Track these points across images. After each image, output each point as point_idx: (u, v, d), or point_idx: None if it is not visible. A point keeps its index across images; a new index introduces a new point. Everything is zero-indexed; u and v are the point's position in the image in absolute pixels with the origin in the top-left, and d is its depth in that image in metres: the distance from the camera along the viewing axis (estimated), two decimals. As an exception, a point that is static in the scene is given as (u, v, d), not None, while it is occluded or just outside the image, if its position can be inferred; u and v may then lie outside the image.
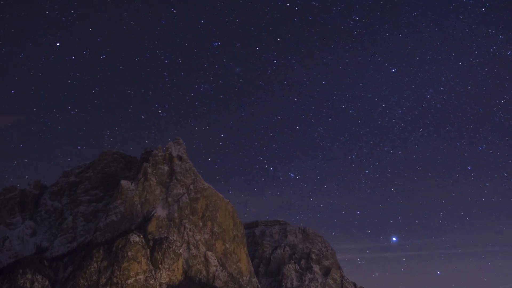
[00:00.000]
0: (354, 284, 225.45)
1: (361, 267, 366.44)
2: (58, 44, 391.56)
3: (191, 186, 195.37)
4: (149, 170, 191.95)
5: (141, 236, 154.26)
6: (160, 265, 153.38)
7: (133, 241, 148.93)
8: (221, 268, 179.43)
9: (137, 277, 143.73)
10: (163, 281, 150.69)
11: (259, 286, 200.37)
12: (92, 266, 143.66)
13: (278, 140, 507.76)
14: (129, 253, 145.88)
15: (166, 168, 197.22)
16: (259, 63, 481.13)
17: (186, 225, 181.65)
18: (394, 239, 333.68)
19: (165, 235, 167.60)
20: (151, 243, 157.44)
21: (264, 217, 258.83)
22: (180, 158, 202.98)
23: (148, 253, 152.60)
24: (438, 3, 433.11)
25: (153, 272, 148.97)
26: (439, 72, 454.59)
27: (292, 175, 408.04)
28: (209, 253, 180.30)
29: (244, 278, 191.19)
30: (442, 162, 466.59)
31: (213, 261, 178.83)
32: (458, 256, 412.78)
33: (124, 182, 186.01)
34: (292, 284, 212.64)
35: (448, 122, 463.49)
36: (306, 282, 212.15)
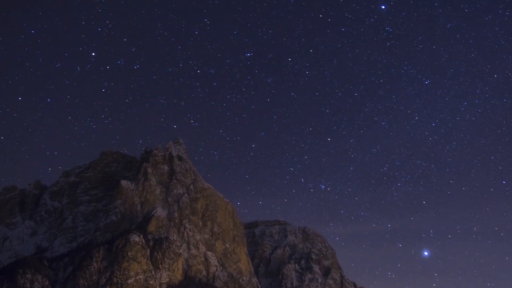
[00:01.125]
0: (354, 284, 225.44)
1: (391, 281, 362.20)
2: (93, 54, 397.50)
3: (191, 186, 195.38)
4: (149, 170, 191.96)
5: (141, 236, 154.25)
6: (160, 265, 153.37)
7: (133, 241, 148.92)
8: (221, 268, 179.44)
9: (137, 277, 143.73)
10: (163, 281, 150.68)
11: (259, 286, 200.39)
12: (92, 266, 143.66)
13: (309, 152, 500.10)
14: (129, 253, 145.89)
15: (166, 168, 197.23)
16: (291, 74, 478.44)
17: (186, 225, 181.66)
18: (425, 253, 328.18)
19: (165, 235, 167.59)
20: (151, 243, 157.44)
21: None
22: (180, 158, 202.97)
23: (148, 253, 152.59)
24: (473, 14, 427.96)
25: (153, 272, 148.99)
26: (474, 84, 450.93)
27: (323, 186, 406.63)
28: (209, 253, 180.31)
29: (244, 278, 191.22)
30: (476, 176, 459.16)
31: (213, 261, 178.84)
32: (491, 272, 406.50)
33: (124, 182, 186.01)
34: (292, 284, 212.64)
35: (482, 135, 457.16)
36: (306, 282, 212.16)
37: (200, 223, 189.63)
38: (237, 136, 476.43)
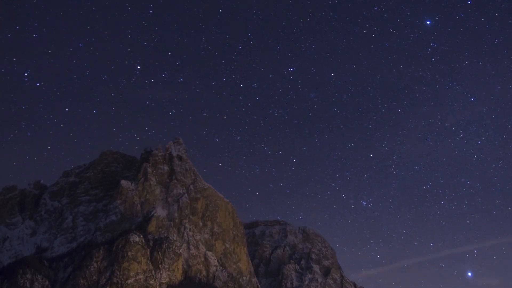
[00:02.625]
0: (354, 284, 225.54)
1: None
2: (138, 67, 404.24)
3: (191, 186, 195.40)
4: (149, 170, 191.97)
5: (141, 236, 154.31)
6: (160, 265, 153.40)
7: (133, 241, 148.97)
8: (221, 268, 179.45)
9: (137, 277, 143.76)
10: (163, 281, 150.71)
11: (259, 286, 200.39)
12: (92, 266, 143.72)
13: (351, 167, 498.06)
14: (129, 253, 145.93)
15: (166, 168, 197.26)
16: (334, 89, 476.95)
17: (186, 225, 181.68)
18: (469, 274, 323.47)
19: (165, 235, 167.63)
20: (151, 243, 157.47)
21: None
22: (180, 158, 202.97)
23: (148, 253, 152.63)
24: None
25: (153, 272, 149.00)
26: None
27: (364, 203, 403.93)
28: (209, 253, 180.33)
29: (244, 278, 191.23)
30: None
31: (213, 261, 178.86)
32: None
33: (124, 182, 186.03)
34: (292, 284, 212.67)
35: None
36: (306, 282, 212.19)
37: (200, 223, 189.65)
38: (278, 150, 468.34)
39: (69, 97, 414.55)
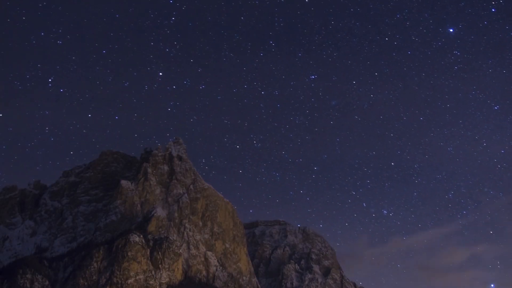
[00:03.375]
0: (354, 284, 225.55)
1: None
2: (160, 74, 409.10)
3: (191, 186, 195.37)
4: (149, 170, 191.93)
5: (141, 236, 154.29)
6: (160, 265, 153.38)
7: (133, 241, 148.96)
8: (221, 268, 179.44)
9: (137, 277, 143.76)
10: (163, 281, 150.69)
11: (259, 286, 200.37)
12: (92, 266, 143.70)
13: (372, 176, 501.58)
14: (129, 253, 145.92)
15: (166, 168, 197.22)
16: (355, 97, 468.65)
17: (186, 225, 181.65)
18: (492, 285, 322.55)
19: (165, 235, 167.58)
20: (151, 243, 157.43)
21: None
22: (180, 158, 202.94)
23: (148, 253, 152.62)
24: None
25: (153, 272, 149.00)
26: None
27: (385, 212, 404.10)
28: (209, 253, 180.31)
29: (244, 278, 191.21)
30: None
31: (213, 261, 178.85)
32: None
33: (124, 182, 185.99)
34: (292, 284, 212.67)
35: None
36: (306, 282, 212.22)
37: (200, 223, 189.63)
38: (299, 158, 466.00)
39: (91, 103, 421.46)
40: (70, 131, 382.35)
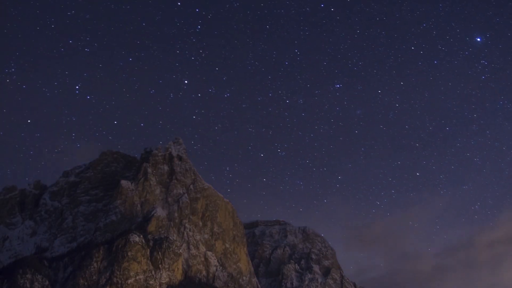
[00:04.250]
0: (354, 284, 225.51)
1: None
2: (186, 81, 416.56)
3: (191, 186, 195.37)
4: (149, 170, 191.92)
5: (141, 236, 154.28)
6: (160, 265, 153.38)
7: (133, 241, 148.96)
8: (221, 268, 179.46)
9: (137, 277, 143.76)
10: (163, 281, 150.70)
11: (259, 286, 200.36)
12: (92, 266, 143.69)
13: (397, 186, 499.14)
14: (129, 253, 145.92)
15: (166, 168, 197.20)
16: (380, 106, 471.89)
17: (186, 225, 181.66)
18: None
19: (165, 235, 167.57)
20: (151, 243, 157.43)
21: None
22: (180, 158, 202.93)
23: (148, 253, 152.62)
24: None
25: (153, 272, 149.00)
26: None
27: (410, 222, 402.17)
28: (209, 253, 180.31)
29: (244, 278, 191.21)
30: None
31: (213, 261, 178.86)
32: None
33: (124, 182, 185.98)
34: (292, 284, 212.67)
35: None
36: (306, 282, 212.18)
37: (200, 223, 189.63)
38: (323, 167, 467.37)
39: (117, 110, 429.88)
40: (96, 137, 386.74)
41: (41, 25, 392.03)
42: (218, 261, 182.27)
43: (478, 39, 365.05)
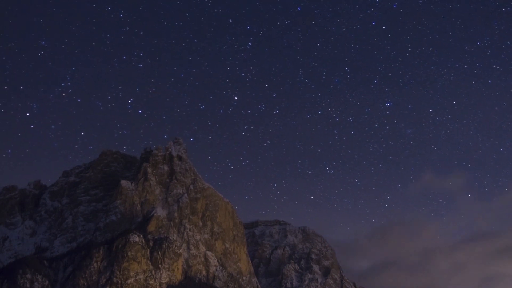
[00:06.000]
0: (354, 284, 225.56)
1: None
2: (236, 98, 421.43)
3: (191, 186, 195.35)
4: (149, 170, 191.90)
5: (141, 236, 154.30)
6: (160, 265, 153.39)
7: (133, 241, 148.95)
8: (221, 268, 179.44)
9: (137, 277, 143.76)
10: (163, 281, 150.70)
11: (259, 286, 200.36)
12: (92, 266, 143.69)
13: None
14: (129, 253, 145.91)
15: (166, 168, 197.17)
16: (432, 125, 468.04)
17: (186, 225, 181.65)
18: None
19: (165, 235, 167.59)
20: (151, 243, 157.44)
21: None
22: (180, 158, 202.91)
23: (148, 253, 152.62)
24: None
25: (153, 272, 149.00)
26: None
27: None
28: (209, 253, 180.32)
29: (244, 278, 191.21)
30: None
31: (213, 261, 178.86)
32: None
33: (124, 182, 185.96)
34: (292, 284, 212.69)
35: None
36: (306, 282, 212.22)
37: (200, 223, 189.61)
38: (372, 186, 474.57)
39: (168, 125, 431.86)
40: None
41: (97, 41, 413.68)
42: (218, 261, 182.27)
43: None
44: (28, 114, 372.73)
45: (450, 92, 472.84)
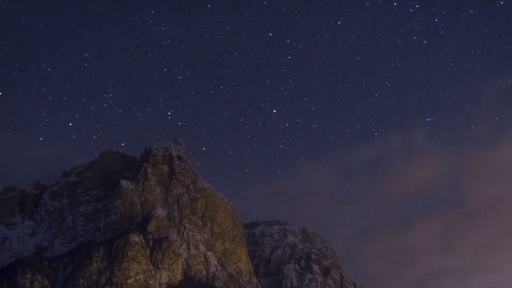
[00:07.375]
0: (354, 284, 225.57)
1: None
2: (274, 111, 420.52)
3: (191, 186, 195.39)
4: (149, 170, 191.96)
5: (141, 236, 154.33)
6: (160, 265, 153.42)
7: (133, 241, 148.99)
8: (221, 268, 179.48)
9: (137, 277, 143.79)
10: (163, 281, 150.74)
11: (259, 286, 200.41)
12: (92, 266, 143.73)
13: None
14: (129, 253, 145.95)
15: (166, 168, 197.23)
16: (472, 141, 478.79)
17: (186, 225, 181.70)
18: None
19: (165, 235, 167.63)
20: (151, 243, 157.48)
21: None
22: (180, 158, 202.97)
23: (148, 253, 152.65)
24: None
25: (153, 272, 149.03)
26: None
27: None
28: (209, 253, 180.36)
29: (244, 278, 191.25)
30: None
31: (213, 261, 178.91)
32: None
33: (124, 182, 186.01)
34: (292, 284, 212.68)
35: None
36: (306, 282, 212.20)
37: (200, 223, 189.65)
38: None
39: (206, 137, 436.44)
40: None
41: (138, 53, 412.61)
42: (218, 261, 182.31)
43: None
44: (70, 124, 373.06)
45: (492, 107, 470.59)
